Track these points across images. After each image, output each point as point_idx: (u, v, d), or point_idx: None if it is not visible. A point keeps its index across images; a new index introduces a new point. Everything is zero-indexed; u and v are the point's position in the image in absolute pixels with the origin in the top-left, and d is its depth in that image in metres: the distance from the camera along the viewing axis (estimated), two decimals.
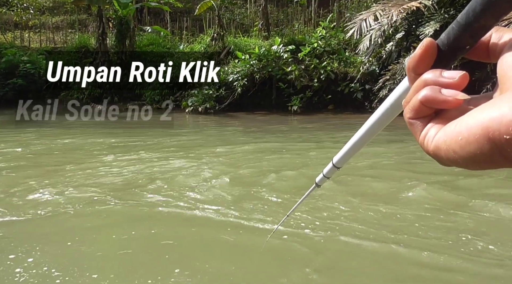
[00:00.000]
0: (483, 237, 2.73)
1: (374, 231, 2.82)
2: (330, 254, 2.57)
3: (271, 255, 2.53)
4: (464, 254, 2.49)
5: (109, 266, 2.43)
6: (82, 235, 2.87)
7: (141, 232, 2.91)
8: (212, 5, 14.80)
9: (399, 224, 3.00)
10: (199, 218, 3.16)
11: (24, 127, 9.64)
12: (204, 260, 2.48)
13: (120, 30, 15.17)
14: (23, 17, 19.76)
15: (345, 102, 12.39)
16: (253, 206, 3.37)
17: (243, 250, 2.65)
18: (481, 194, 3.65)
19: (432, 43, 0.34)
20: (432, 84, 0.33)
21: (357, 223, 2.98)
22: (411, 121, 0.35)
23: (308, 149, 6.36)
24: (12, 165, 5.12)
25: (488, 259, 2.43)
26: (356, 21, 10.69)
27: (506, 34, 0.33)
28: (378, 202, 3.45)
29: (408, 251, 2.53)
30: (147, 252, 2.64)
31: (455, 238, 2.71)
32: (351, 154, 0.56)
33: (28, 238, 2.80)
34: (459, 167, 0.32)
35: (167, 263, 2.43)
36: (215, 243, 2.74)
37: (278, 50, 12.60)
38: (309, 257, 2.50)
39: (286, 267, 2.40)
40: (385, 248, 2.59)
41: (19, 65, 15.35)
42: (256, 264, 2.44)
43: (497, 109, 0.27)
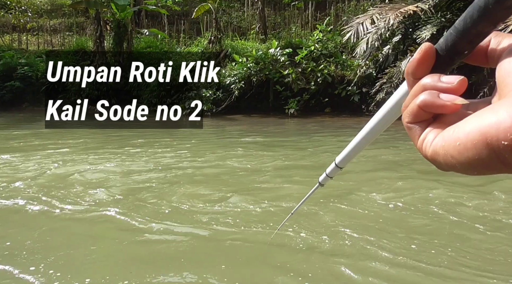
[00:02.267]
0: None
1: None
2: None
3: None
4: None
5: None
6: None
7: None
8: (210, 8, 14.84)
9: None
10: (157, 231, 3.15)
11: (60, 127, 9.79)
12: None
13: (118, 33, 15.18)
14: (21, 20, 19.75)
15: (342, 105, 12.42)
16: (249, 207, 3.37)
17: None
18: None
19: (431, 48, 0.34)
20: (431, 89, 0.33)
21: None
22: (410, 125, 0.36)
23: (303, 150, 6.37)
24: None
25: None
26: (353, 24, 10.73)
27: (504, 40, 0.33)
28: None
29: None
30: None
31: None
32: (353, 155, 0.57)
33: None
34: (457, 172, 0.32)
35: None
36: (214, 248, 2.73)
37: (275, 53, 12.63)
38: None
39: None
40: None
41: (17, 68, 15.36)
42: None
43: (495, 115, 0.27)
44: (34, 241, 2.74)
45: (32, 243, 2.70)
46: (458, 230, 2.91)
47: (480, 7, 0.30)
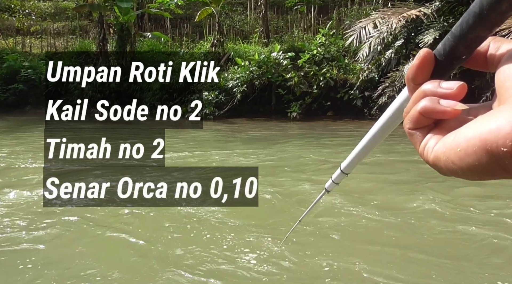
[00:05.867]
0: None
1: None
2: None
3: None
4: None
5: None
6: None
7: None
8: (212, 11, 14.88)
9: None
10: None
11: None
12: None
13: (121, 36, 15.26)
14: (25, 23, 19.88)
15: (344, 109, 12.42)
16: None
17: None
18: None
19: (429, 53, 0.34)
20: (431, 95, 0.33)
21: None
22: (411, 131, 0.36)
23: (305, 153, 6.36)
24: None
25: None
26: (356, 28, 10.75)
27: (503, 45, 0.33)
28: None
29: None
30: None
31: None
32: (358, 160, 0.58)
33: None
34: (459, 177, 0.32)
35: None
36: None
37: (277, 57, 12.65)
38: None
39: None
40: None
41: (20, 71, 15.44)
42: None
43: (495, 121, 0.27)
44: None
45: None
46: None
47: (476, 13, 0.30)
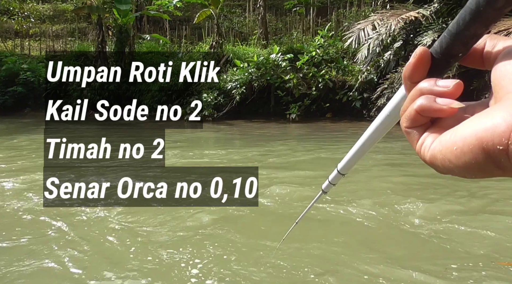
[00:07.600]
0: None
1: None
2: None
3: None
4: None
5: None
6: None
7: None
8: (211, 13, 14.89)
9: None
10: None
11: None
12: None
13: (120, 38, 15.26)
14: (23, 25, 19.86)
15: (343, 111, 12.42)
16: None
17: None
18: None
19: (426, 51, 0.34)
20: (427, 93, 0.33)
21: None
22: (408, 130, 0.36)
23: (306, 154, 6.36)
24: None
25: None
26: (354, 30, 10.76)
27: (499, 43, 0.33)
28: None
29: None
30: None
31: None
32: (354, 161, 0.57)
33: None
34: (455, 175, 0.32)
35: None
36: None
37: (276, 59, 12.65)
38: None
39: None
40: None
41: (19, 73, 15.42)
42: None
43: (490, 119, 0.27)
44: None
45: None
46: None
47: (472, 10, 0.30)
